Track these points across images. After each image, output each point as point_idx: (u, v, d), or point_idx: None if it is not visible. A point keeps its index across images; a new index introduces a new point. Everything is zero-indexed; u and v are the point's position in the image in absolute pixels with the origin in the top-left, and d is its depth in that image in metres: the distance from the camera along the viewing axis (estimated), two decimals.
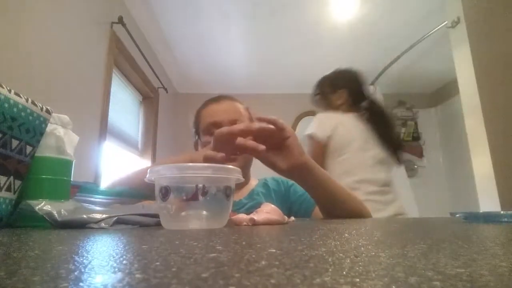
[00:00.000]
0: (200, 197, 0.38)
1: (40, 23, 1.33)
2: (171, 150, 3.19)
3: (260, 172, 0.94)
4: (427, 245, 0.20)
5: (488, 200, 1.68)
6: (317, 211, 0.84)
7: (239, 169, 0.42)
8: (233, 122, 0.87)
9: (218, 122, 0.88)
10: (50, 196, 0.49)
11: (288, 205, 0.90)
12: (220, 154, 0.53)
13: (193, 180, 0.38)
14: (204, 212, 0.39)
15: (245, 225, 0.42)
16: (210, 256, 0.16)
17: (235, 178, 0.41)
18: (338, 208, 0.67)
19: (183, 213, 0.38)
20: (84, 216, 0.38)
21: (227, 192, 0.40)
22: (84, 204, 0.47)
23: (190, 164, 0.40)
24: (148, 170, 0.40)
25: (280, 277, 0.11)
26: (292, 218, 0.54)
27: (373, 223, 0.42)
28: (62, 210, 0.39)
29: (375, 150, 1.42)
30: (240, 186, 0.92)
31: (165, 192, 0.38)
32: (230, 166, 0.41)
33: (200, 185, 0.38)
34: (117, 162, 2.23)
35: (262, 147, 0.53)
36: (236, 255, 0.17)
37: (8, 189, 0.45)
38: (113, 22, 1.97)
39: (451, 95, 3.29)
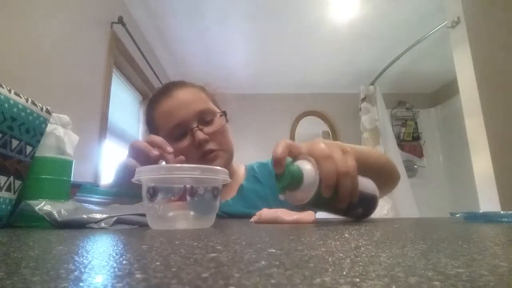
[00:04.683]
0: (188, 198, 0.38)
1: (40, 23, 1.33)
2: None
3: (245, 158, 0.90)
4: (427, 245, 0.20)
5: (488, 200, 1.67)
6: None
7: (226, 170, 0.42)
8: (202, 114, 0.74)
9: (183, 122, 0.73)
10: (50, 196, 0.49)
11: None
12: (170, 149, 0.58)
13: (181, 181, 0.38)
14: (192, 213, 0.39)
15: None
16: (210, 256, 0.16)
17: (222, 179, 0.41)
18: (378, 178, 0.59)
19: (170, 214, 0.38)
20: (84, 216, 0.38)
21: (215, 192, 0.40)
22: (84, 204, 0.47)
23: (178, 165, 0.41)
24: (136, 171, 0.40)
25: (280, 277, 0.11)
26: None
27: (373, 223, 0.42)
28: (62, 210, 0.39)
29: None
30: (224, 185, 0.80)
31: (153, 192, 0.38)
32: (218, 167, 0.41)
33: (188, 186, 0.38)
34: (117, 162, 2.23)
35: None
36: (236, 255, 0.17)
37: (8, 189, 0.45)
38: (113, 22, 1.97)
39: (451, 95, 3.29)
